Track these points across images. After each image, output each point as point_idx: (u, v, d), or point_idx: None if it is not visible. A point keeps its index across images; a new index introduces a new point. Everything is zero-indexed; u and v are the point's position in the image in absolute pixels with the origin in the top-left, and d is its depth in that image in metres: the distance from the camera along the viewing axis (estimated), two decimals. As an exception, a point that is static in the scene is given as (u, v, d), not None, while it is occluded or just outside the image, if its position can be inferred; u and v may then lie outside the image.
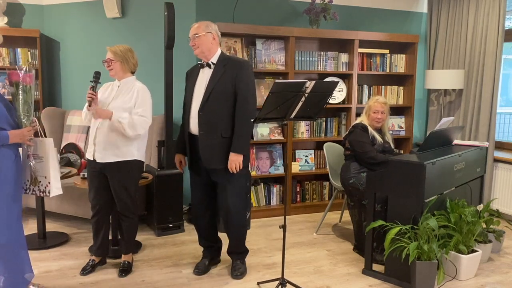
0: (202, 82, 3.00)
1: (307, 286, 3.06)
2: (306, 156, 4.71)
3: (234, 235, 3.17)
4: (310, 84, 2.61)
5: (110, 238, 3.43)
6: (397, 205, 3.05)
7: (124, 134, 2.93)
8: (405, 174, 2.99)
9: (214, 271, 3.25)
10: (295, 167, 4.61)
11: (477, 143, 3.81)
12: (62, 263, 3.33)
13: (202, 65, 3.02)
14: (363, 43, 4.73)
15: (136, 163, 3.06)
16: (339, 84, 4.68)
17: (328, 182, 4.79)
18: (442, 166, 3.12)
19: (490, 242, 3.45)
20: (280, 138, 4.55)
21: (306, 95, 2.65)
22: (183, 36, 4.28)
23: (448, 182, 3.28)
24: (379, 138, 3.61)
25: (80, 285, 3.01)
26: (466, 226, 3.16)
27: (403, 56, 4.98)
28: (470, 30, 4.73)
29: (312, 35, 4.50)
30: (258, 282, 3.07)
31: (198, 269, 3.21)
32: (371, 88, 4.91)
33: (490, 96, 4.53)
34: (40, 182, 2.73)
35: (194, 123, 2.97)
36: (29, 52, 4.69)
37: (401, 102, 5.05)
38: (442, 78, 4.76)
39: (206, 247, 3.30)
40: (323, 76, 4.73)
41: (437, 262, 2.89)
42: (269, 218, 4.47)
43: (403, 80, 5.05)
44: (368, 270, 3.24)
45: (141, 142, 3.09)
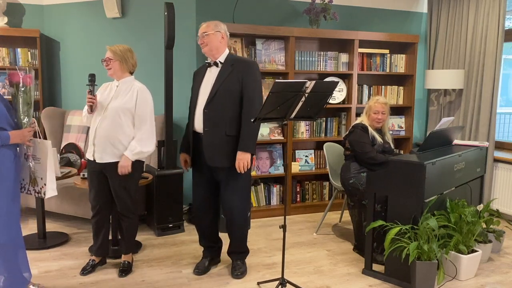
0: (209, 80, 3.00)
1: (307, 286, 3.06)
2: (306, 156, 4.71)
3: (237, 235, 3.17)
4: (310, 84, 2.61)
5: (110, 238, 3.43)
6: (397, 205, 3.05)
7: (147, 154, 3.05)
8: (405, 174, 2.99)
9: (214, 271, 3.25)
10: (295, 167, 4.60)
11: (477, 143, 3.80)
12: (62, 263, 3.33)
13: (210, 64, 3.02)
14: (363, 43, 4.73)
15: (136, 163, 3.05)
16: (339, 84, 4.68)
17: (328, 182, 4.79)
18: (442, 166, 3.12)
19: (490, 242, 3.45)
20: (280, 138, 4.54)
21: (306, 95, 2.64)
22: (183, 36, 4.29)
23: (448, 182, 3.28)
24: (379, 139, 3.61)
25: (80, 285, 3.01)
26: (466, 226, 3.15)
27: (403, 56, 4.98)
28: (470, 30, 4.73)
29: (312, 35, 4.50)
30: (258, 282, 3.07)
31: (198, 269, 3.21)
32: (371, 88, 4.91)
33: (490, 96, 4.53)
34: (37, 183, 2.74)
35: (199, 121, 2.97)
36: (29, 52, 4.69)
37: (401, 102, 5.05)
38: (442, 78, 4.76)
39: (207, 247, 3.29)
40: (323, 76, 4.73)
41: (437, 262, 2.89)
42: (269, 218, 4.47)
43: (403, 80, 5.05)
44: (368, 270, 3.24)
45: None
